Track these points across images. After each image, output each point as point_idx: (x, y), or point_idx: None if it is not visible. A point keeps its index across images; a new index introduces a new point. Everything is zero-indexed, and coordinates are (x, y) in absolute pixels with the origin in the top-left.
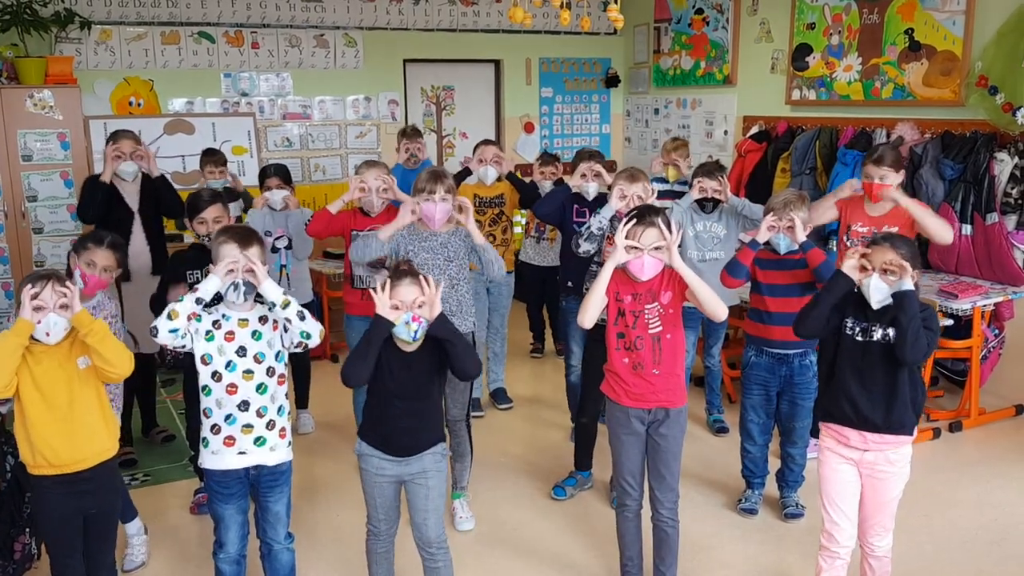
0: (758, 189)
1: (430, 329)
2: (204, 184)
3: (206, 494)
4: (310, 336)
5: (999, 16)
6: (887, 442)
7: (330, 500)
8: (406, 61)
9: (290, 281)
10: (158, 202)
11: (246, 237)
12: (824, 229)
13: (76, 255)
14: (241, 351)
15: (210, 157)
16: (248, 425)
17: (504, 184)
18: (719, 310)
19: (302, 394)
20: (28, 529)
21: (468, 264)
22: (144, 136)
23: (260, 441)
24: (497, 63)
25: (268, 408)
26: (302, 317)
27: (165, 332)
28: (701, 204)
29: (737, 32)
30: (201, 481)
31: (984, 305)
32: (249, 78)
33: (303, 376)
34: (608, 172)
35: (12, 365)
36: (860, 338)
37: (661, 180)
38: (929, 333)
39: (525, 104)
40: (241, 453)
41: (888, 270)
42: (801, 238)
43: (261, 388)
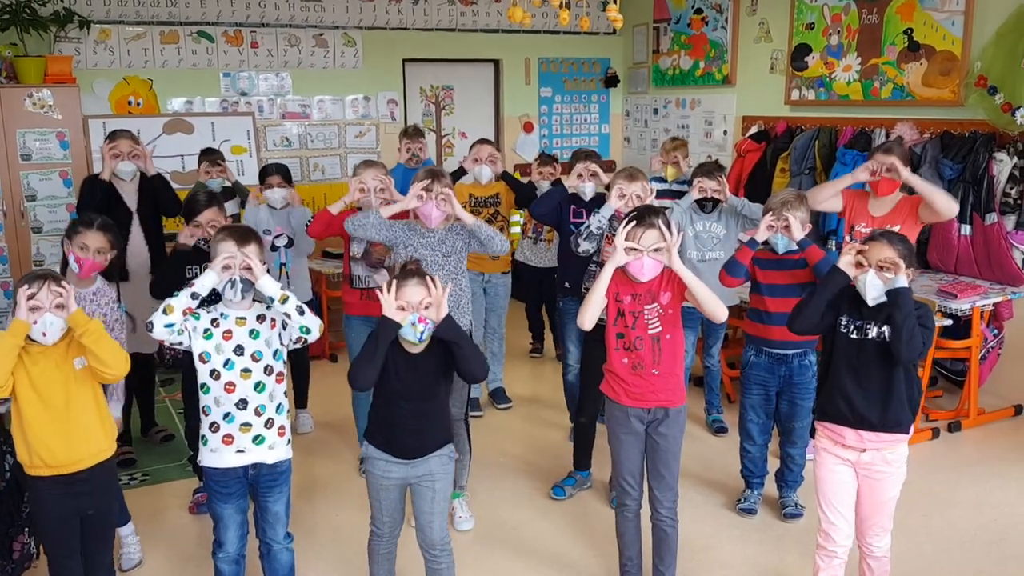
0: (757, 189)
1: (436, 331)
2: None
3: (205, 494)
4: (310, 331)
5: (998, 16)
6: (883, 441)
7: (329, 500)
8: (405, 61)
9: (289, 279)
10: (156, 202)
11: (244, 235)
12: (823, 229)
13: (69, 240)
14: (239, 349)
15: (208, 156)
16: (246, 424)
17: (500, 184)
18: (719, 311)
19: (301, 394)
20: (27, 529)
21: (466, 260)
22: (143, 136)
23: (259, 439)
24: (496, 63)
25: (266, 406)
26: (301, 312)
27: (160, 327)
28: (700, 204)
29: (736, 32)
30: (200, 480)
31: (983, 305)
32: (248, 78)
33: (302, 376)
34: (606, 172)
35: (8, 365)
36: (855, 336)
37: (660, 179)
38: (924, 331)
39: (524, 104)
40: (240, 451)
41: (884, 267)
42: (798, 237)
43: (259, 386)
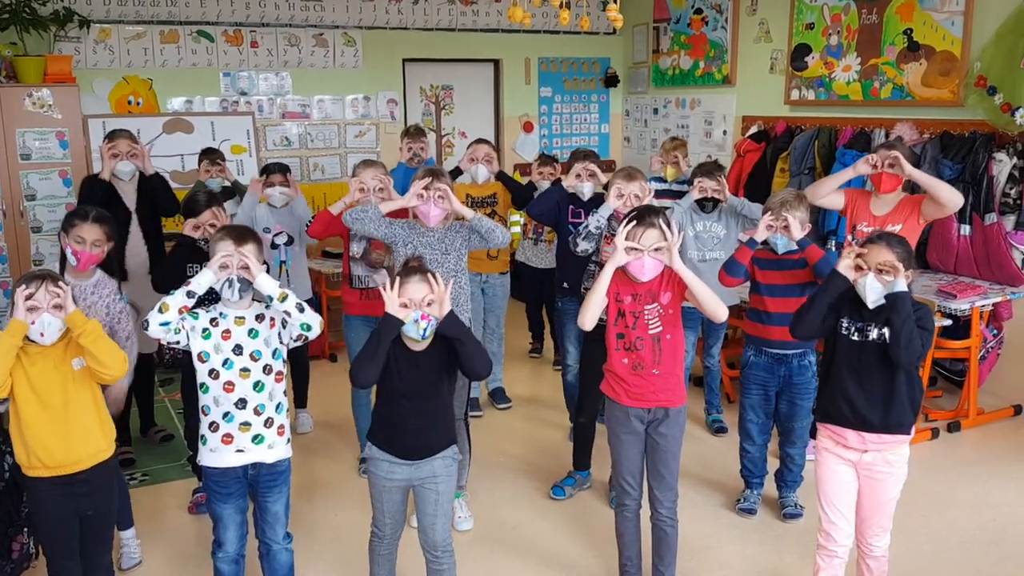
0: (757, 189)
1: (439, 327)
2: (203, 182)
3: (204, 494)
4: (310, 327)
5: (998, 16)
6: (885, 442)
7: (329, 500)
8: (405, 60)
9: (289, 278)
10: (154, 201)
11: (242, 234)
12: (822, 229)
13: (65, 234)
14: (237, 349)
15: (208, 156)
16: (246, 423)
17: (496, 184)
18: (719, 311)
19: (300, 393)
20: (26, 529)
21: (466, 258)
22: (143, 135)
23: (258, 439)
24: (496, 62)
25: (266, 406)
26: (301, 309)
27: (156, 325)
28: (700, 204)
29: (736, 32)
30: (199, 480)
31: (983, 305)
32: (248, 77)
33: (301, 375)
34: (604, 172)
35: (6, 366)
36: (856, 338)
37: (659, 179)
38: (924, 333)
39: (524, 104)
40: (239, 451)
41: (883, 271)
42: (797, 236)
43: (258, 386)
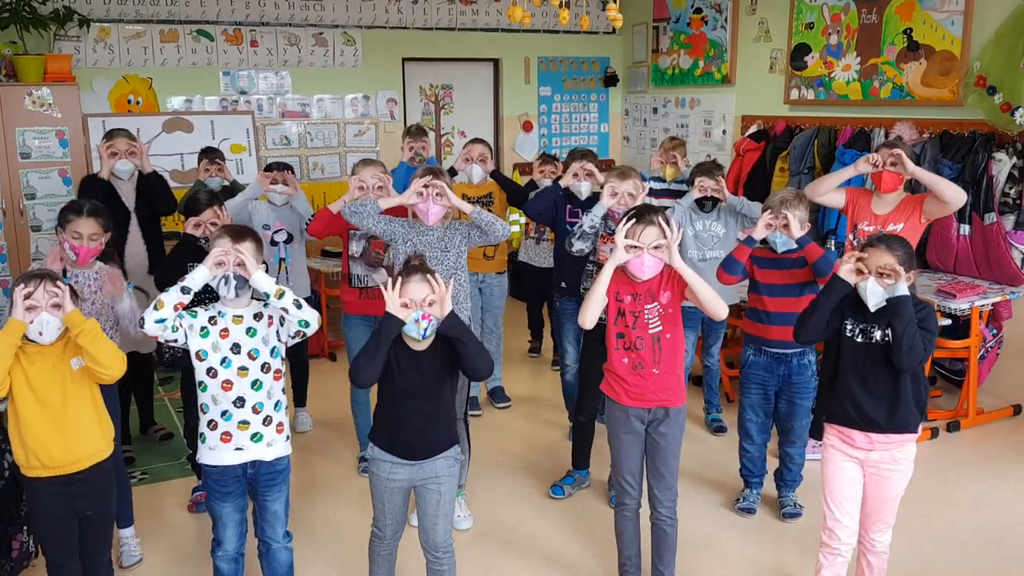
0: (756, 188)
1: (440, 327)
2: (203, 181)
3: (204, 492)
4: (308, 324)
5: (997, 16)
6: (892, 441)
7: (328, 499)
8: (405, 60)
9: (288, 275)
10: (152, 200)
11: (240, 232)
12: (822, 228)
13: (62, 230)
14: (235, 348)
15: (207, 155)
16: (244, 421)
17: (492, 183)
18: (719, 309)
19: (300, 392)
20: (25, 527)
21: (466, 256)
22: (143, 134)
23: (257, 437)
24: (496, 62)
25: (264, 404)
26: (299, 306)
27: (151, 322)
28: (700, 203)
29: (736, 31)
30: (199, 479)
31: (982, 305)
32: (248, 76)
33: (301, 374)
34: (603, 171)
35: (5, 365)
36: (860, 339)
37: (658, 179)
38: (926, 334)
39: (524, 103)
40: (238, 449)
41: (884, 274)
42: (797, 235)
43: (256, 384)
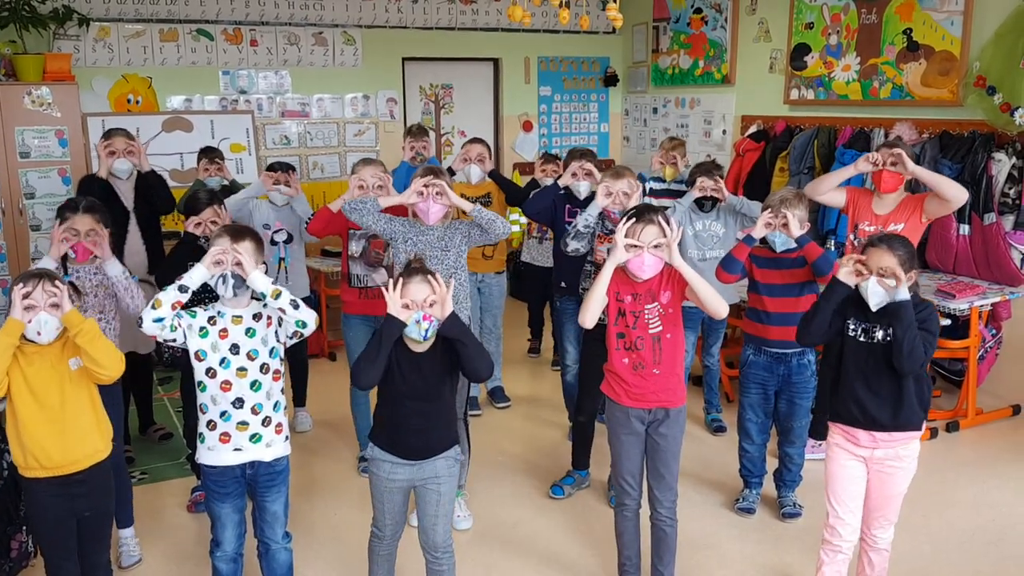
0: (756, 188)
1: (441, 329)
2: (202, 180)
3: (203, 492)
4: (306, 324)
5: (997, 16)
6: (896, 439)
7: (327, 499)
8: (405, 59)
9: (288, 275)
10: (151, 199)
11: (239, 232)
12: (821, 228)
13: (59, 228)
14: (234, 348)
15: (207, 154)
16: (243, 422)
17: (490, 183)
18: (720, 308)
19: (299, 392)
20: (24, 527)
21: (466, 255)
22: (142, 133)
23: (256, 438)
24: (496, 61)
25: (263, 405)
26: (296, 306)
27: (149, 321)
28: (699, 203)
29: (736, 31)
30: (198, 479)
31: (981, 305)
32: (248, 76)
33: (300, 374)
34: (601, 171)
35: (3, 364)
36: (862, 339)
37: (658, 179)
38: (926, 335)
39: (524, 103)
40: (237, 450)
41: (884, 275)
42: (796, 234)
43: (255, 385)
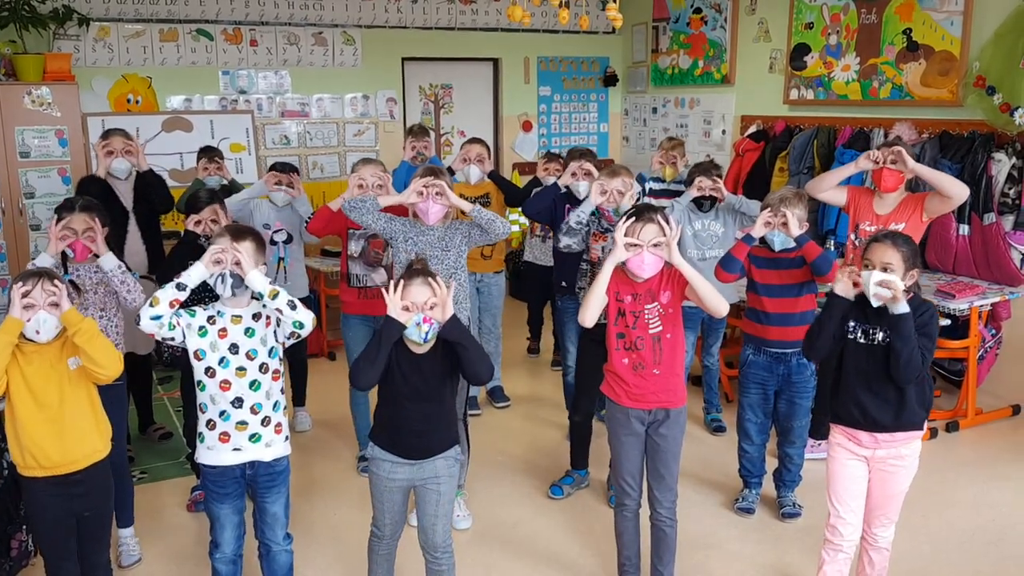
0: (756, 188)
1: (442, 331)
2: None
3: (203, 491)
4: (303, 325)
5: (997, 16)
6: (897, 439)
7: (327, 499)
8: (404, 59)
9: (287, 276)
10: (150, 199)
11: (240, 231)
12: (821, 228)
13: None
14: (234, 348)
15: (207, 154)
16: (242, 422)
17: (489, 184)
18: (720, 306)
19: (299, 392)
20: (25, 526)
21: (466, 256)
22: (142, 133)
23: (255, 438)
24: (495, 61)
25: (263, 405)
26: (293, 307)
27: (147, 319)
28: (699, 203)
29: (735, 31)
30: (198, 478)
31: (981, 305)
32: (247, 76)
33: (300, 374)
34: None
35: (2, 363)
36: (862, 341)
37: (658, 179)
38: (925, 341)
39: (523, 103)
40: (236, 450)
41: (887, 268)
42: (795, 234)
43: (254, 385)
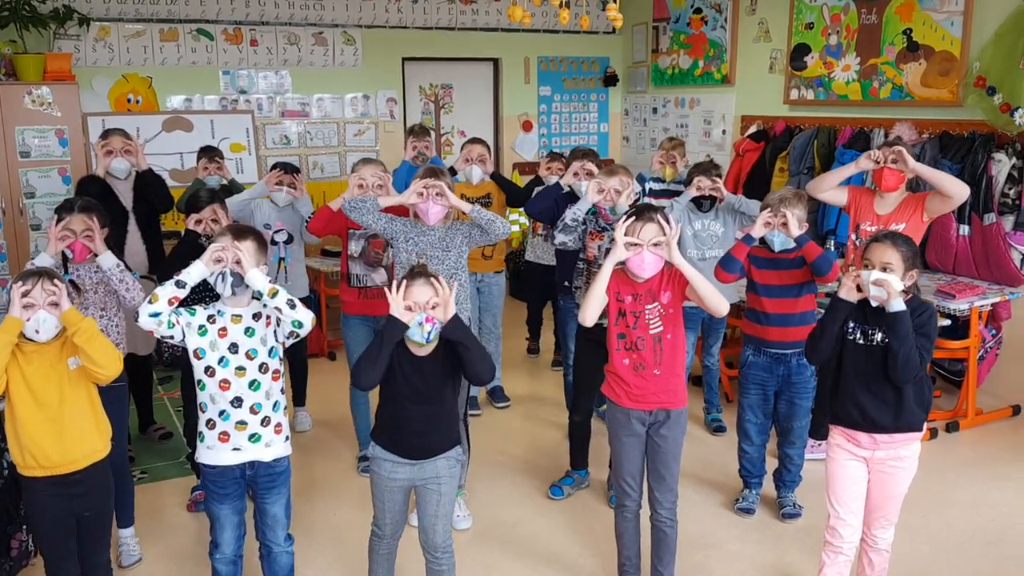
0: (756, 189)
1: (444, 331)
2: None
3: (203, 491)
4: (302, 325)
5: (997, 17)
6: (896, 441)
7: (327, 499)
8: (405, 59)
9: (287, 275)
10: (149, 198)
11: (241, 231)
12: (821, 229)
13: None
14: (233, 347)
15: (206, 153)
16: (242, 422)
17: (490, 184)
18: (721, 305)
19: (299, 392)
20: (25, 526)
21: (466, 256)
22: (142, 133)
23: (255, 438)
24: (496, 61)
25: (262, 405)
26: (292, 306)
27: (146, 316)
28: (698, 203)
29: (735, 31)
30: (198, 478)
31: (981, 305)
32: (248, 75)
33: (300, 373)
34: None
35: (2, 362)
36: (861, 341)
37: (658, 180)
38: (923, 341)
39: (523, 103)
40: (236, 449)
41: (887, 268)
42: (795, 234)
43: (254, 384)
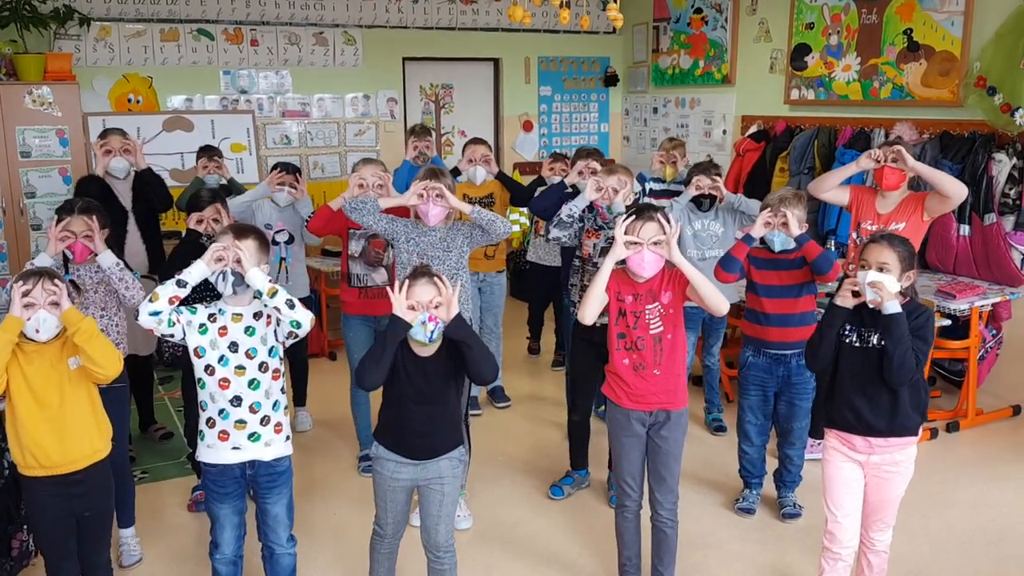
0: (756, 189)
1: (447, 331)
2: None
3: (204, 491)
4: (300, 325)
5: (998, 17)
6: (892, 445)
7: (328, 499)
8: (405, 59)
9: (288, 275)
10: (148, 197)
11: (243, 230)
12: (821, 229)
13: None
14: (233, 346)
15: (206, 152)
16: (241, 421)
17: (493, 183)
18: (721, 305)
19: (300, 392)
20: (25, 526)
21: (468, 256)
22: (143, 133)
23: (254, 437)
24: (496, 61)
25: (262, 404)
26: (291, 306)
27: (146, 315)
28: (698, 203)
29: (736, 31)
30: (199, 478)
31: (982, 305)
32: (248, 75)
33: (300, 373)
34: None
35: (2, 361)
36: (857, 344)
37: (658, 180)
38: (919, 344)
39: (524, 103)
40: (236, 448)
41: (883, 268)
42: (795, 234)
43: (253, 384)
